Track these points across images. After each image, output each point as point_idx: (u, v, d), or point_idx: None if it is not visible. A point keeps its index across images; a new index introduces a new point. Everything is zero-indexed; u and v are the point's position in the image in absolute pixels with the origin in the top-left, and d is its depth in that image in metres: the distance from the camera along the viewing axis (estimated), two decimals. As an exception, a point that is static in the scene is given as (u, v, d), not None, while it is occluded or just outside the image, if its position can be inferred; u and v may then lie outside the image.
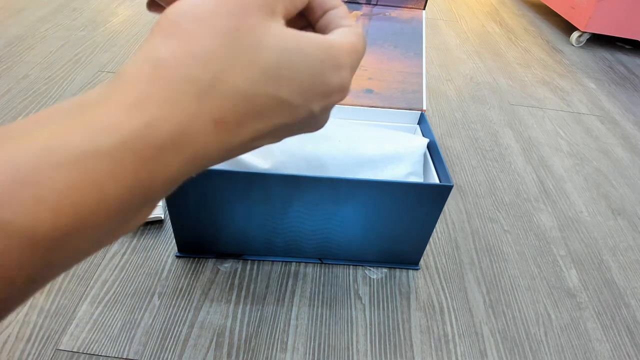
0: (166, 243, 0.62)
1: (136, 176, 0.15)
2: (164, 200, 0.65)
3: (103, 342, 0.50)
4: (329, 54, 0.20)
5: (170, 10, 0.19)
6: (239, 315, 0.54)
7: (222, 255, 0.61)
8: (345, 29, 0.22)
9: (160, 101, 0.16)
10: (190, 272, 0.59)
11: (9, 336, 0.50)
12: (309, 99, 0.20)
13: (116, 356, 0.49)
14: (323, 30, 0.23)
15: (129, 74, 0.17)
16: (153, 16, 1.33)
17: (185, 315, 0.54)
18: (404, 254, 0.61)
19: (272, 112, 0.19)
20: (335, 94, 0.21)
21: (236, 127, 0.18)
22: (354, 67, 0.21)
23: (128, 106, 0.16)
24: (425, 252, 0.66)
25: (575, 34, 1.51)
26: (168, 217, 0.66)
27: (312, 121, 0.21)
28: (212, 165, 0.19)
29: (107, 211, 0.15)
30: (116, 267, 0.58)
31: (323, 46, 0.20)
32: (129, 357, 0.49)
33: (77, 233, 0.14)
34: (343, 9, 0.23)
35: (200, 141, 0.17)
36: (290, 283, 0.59)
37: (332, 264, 0.62)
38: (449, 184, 0.52)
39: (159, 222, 0.65)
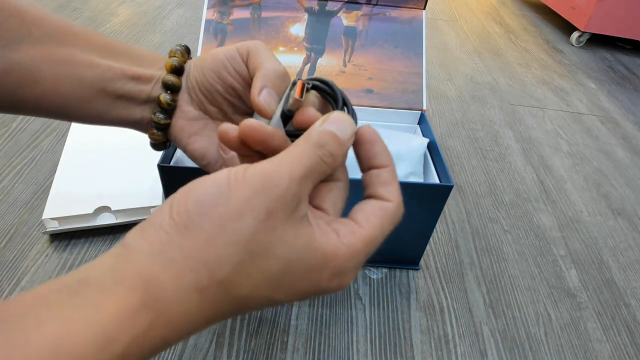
0: (166, 243, 0.62)
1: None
2: (164, 200, 0.65)
3: (103, 342, 0.50)
4: (329, 264, 0.20)
5: (192, 198, 0.18)
6: (238, 315, 0.54)
7: (222, 255, 0.61)
8: (373, 207, 0.22)
9: (163, 304, 0.17)
10: (190, 272, 0.59)
11: (9, 336, 0.50)
12: (299, 298, 0.21)
13: (116, 356, 0.49)
14: (365, 188, 0.24)
15: (141, 265, 0.17)
16: (153, 16, 1.33)
17: (185, 315, 0.54)
18: (404, 254, 0.61)
19: (263, 306, 0.20)
20: (328, 293, 0.21)
21: (224, 318, 0.19)
22: (359, 264, 0.21)
23: (136, 307, 0.16)
24: (425, 252, 0.66)
25: (575, 34, 1.51)
26: (168, 217, 0.66)
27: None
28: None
29: None
30: (116, 267, 0.58)
31: (327, 256, 0.19)
32: (129, 357, 0.49)
33: None
34: (387, 172, 0.23)
35: (186, 332, 0.18)
36: (290, 283, 0.59)
37: (332, 264, 0.62)
38: (449, 184, 0.52)
39: (159, 222, 0.65)
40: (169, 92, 0.29)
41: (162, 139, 0.31)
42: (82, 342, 0.15)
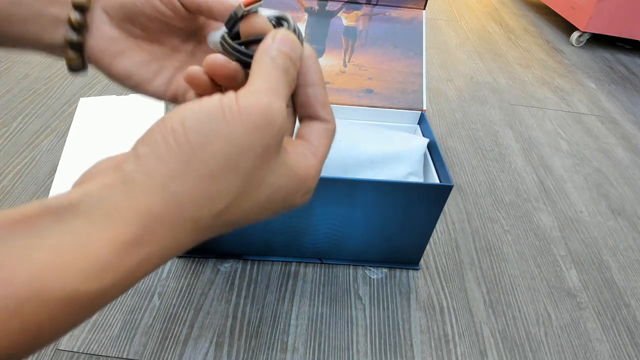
0: (166, 243, 0.62)
1: (109, 299, 0.17)
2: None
3: (103, 342, 0.50)
4: (304, 185, 0.22)
5: (189, 124, 0.18)
6: (239, 315, 0.54)
7: (222, 255, 0.61)
8: (321, 130, 0.24)
9: (160, 239, 0.17)
10: (190, 272, 0.59)
11: (9, 336, 0.50)
12: (276, 213, 0.22)
13: (116, 356, 0.49)
14: (300, 106, 0.24)
15: (140, 198, 0.17)
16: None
17: (185, 315, 0.54)
18: (404, 254, 0.61)
19: (245, 224, 0.21)
20: (297, 207, 0.23)
21: (208, 235, 0.20)
22: (317, 180, 0.24)
23: (129, 243, 0.16)
24: (425, 252, 0.66)
25: (575, 34, 1.51)
26: (168, 217, 0.66)
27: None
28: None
29: (73, 328, 0.16)
30: (116, 267, 0.58)
31: (300, 179, 0.22)
32: (129, 357, 0.49)
33: (40, 347, 0.15)
34: (322, 92, 0.24)
35: (174, 255, 0.19)
36: (290, 283, 0.59)
37: (332, 264, 0.62)
38: (449, 184, 0.52)
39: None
40: (78, 11, 0.29)
41: (78, 61, 0.30)
42: (71, 271, 0.15)
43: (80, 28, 0.29)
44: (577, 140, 0.99)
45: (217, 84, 0.24)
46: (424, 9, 0.71)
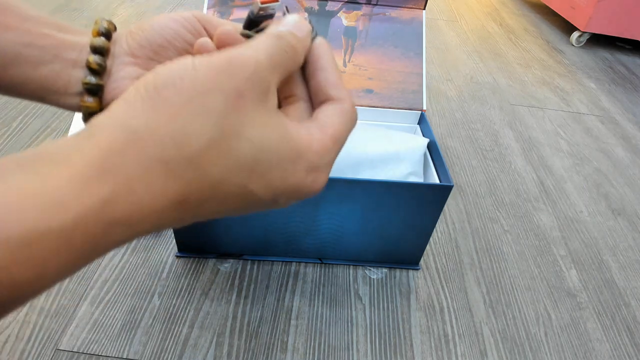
0: (166, 243, 0.62)
1: (81, 251, 0.15)
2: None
3: (103, 342, 0.50)
4: (303, 158, 0.20)
5: (160, 74, 0.18)
6: (239, 315, 0.54)
7: (222, 255, 0.61)
8: (331, 109, 0.22)
9: (124, 176, 0.16)
10: (190, 272, 0.59)
11: (9, 336, 0.50)
12: (276, 195, 0.20)
13: (116, 356, 0.49)
14: (314, 95, 0.23)
15: (100, 137, 0.16)
16: (153, 17, 1.33)
17: (185, 315, 0.54)
18: (404, 254, 0.61)
19: (236, 200, 0.19)
20: (304, 193, 0.21)
21: (196, 207, 0.18)
22: (331, 163, 0.21)
23: (90, 176, 0.15)
24: (425, 252, 0.66)
25: (575, 34, 1.51)
26: (168, 217, 0.66)
27: (276, 207, 0.21)
28: (162, 230, 0.19)
29: (44, 282, 0.15)
30: (116, 267, 0.58)
31: (300, 147, 0.19)
32: (129, 357, 0.49)
33: (10, 302, 0.14)
34: (333, 74, 0.23)
35: (155, 217, 0.17)
36: (290, 283, 0.59)
37: (332, 264, 0.62)
38: (449, 184, 0.52)
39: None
40: (97, 55, 0.28)
41: (97, 107, 0.29)
42: (29, 207, 0.14)
43: (100, 71, 0.28)
44: (577, 140, 0.99)
45: None
46: (424, 9, 0.71)
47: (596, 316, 0.60)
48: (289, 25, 0.22)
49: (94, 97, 0.28)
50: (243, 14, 0.68)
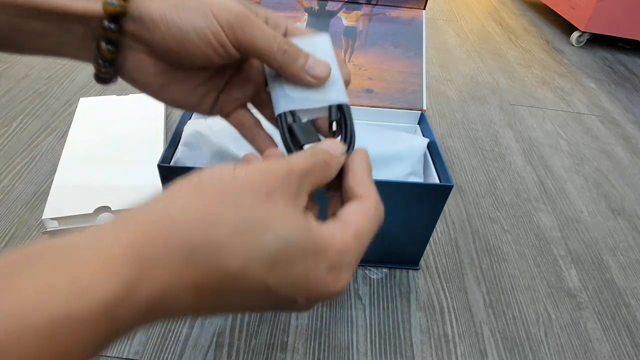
0: (166, 243, 0.62)
1: (105, 333, 0.15)
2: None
3: (103, 342, 0.50)
4: (325, 256, 0.20)
5: (204, 174, 0.19)
6: (239, 315, 0.54)
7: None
8: (354, 207, 0.23)
9: (148, 259, 0.16)
10: (190, 272, 0.59)
11: (9, 336, 0.50)
12: (296, 293, 0.19)
13: (116, 356, 0.49)
14: (344, 196, 0.25)
15: (132, 219, 0.17)
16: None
17: (185, 315, 0.54)
18: (404, 254, 0.61)
19: (255, 294, 0.19)
20: (325, 293, 0.20)
21: (214, 297, 0.18)
22: (354, 262, 0.21)
23: (115, 260, 0.15)
24: (425, 252, 0.66)
25: (575, 34, 1.51)
26: (168, 217, 0.66)
27: (295, 309, 0.21)
28: (172, 319, 0.20)
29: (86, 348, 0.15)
30: (116, 267, 0.58)
31: (322, 245, 0.20)
32: (129, 357, 0.49)
33: None
34: (361, 173, 0.25)
35: (174, 303, 0.17)
36: (290, 283, 0.59)
37: (332, 264, 0.62)
38: (449, 184, 0.52)
39: (159, 222, 0.65)
40: (109, 44, 0.26)
41: (112, 73, 0.28)
42: (50, 297, 0.14)
43: (114, 55, 0.27)
44: (577, 140, 0.99)
45: None
46: (424, 9, 0.71)
47: (596, 316, 0.60)
48: (324, 144, 0.24)
49: (109, 68, 0.27)
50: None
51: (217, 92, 0.31)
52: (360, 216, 0.22)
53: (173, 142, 0.57)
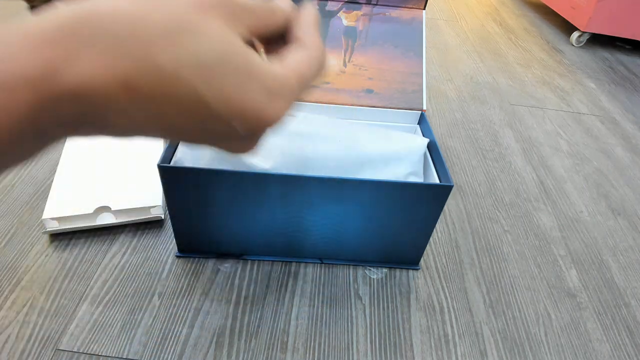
0: (166, 243, 0.62)
1: (32, 112, 0.15)
2: (163, 200, 0.65)
3: (103, 342, 0.50)
4: (264, 78, 0.19)
5: None
6: (239, 315, 0.54)
7: (222, 255, 0.61)
8: (298, 51, 0.22)
9: (73, 43, 0.16)
10: (190, 272, 0.59)
11: (9, 336, 0.50)
12: (232, 115, 0.19)
13: (116, 356, 0.49)
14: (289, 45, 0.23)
15: (56, 11, 0.16)
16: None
17: (185, 315, 0.54)
18: (404, 254, 0.61)
19: (188, 107, 0.18)
20: (261, 117, 0.19)
21: (146, 101, 0.17)
22: (291, 95, 0.20)
23: (41, 36, 0.15)
24: (425, 252, 0.66)
25: (575, 34, 1.51)
26: (168, 217, 0.66)
27: (234, 141, 0.20)
28: (112, 132, 0.18)
29: None
30: (116, 267, 0.58)
31: (259, 69, 0.19)
32: (129, 357, 0.49)
33: None
34: (309, 25, 0.23)
35: (105, 101, 0.16)
36: (290, 283, 0.59)
37: (332, 264, 0.62)
38: (449, 184, 0.52)
39: (158, 222, 0.65)
40: None
41: None
42: None
43: None
44: (577, 140, 0.99)
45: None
46: (424, 9, 0.71)
47: (596, 316, 0.60)
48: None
49: None
50: None
51: None
52: (304, 59, 0.21)
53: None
